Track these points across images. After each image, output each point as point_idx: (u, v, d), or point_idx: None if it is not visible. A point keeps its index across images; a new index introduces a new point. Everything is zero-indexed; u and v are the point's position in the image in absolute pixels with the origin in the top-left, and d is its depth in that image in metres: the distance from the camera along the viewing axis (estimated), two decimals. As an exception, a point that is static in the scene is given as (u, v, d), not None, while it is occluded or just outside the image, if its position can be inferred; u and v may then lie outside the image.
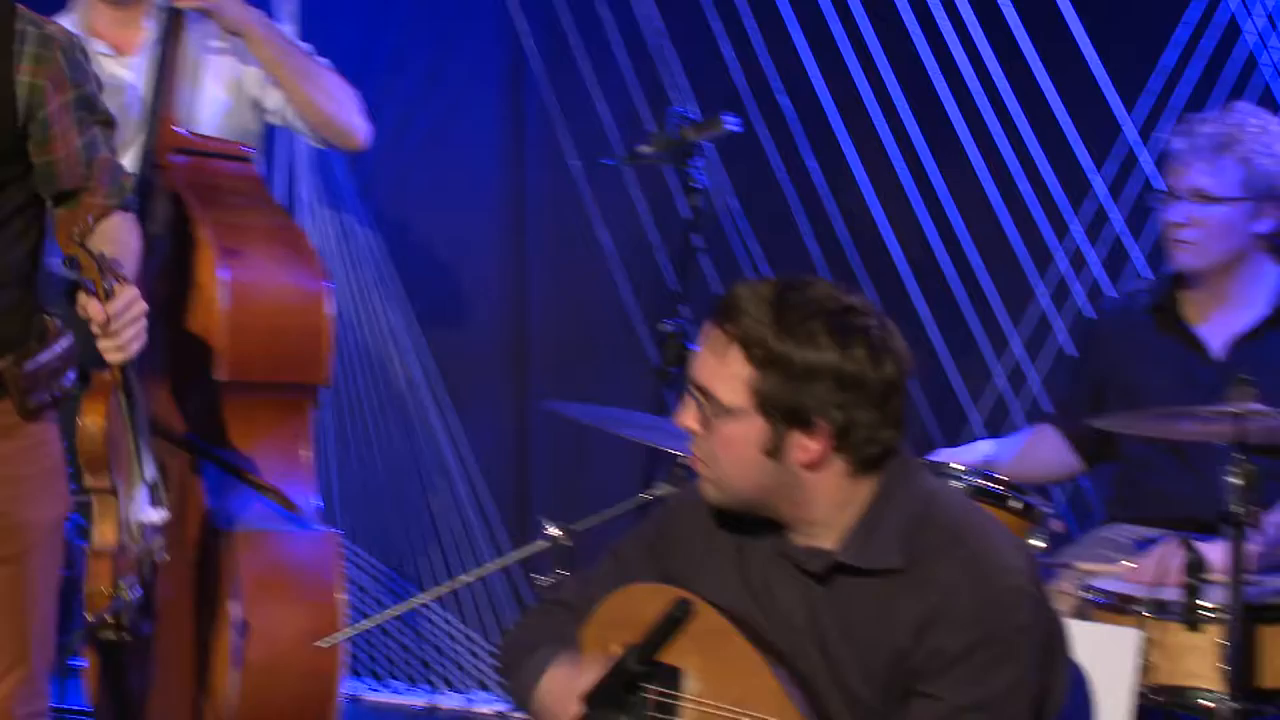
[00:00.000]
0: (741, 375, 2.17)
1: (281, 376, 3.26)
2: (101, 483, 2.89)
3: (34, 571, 2.76)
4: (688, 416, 2.23)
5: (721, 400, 2.19)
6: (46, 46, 2.69)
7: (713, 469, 2.23)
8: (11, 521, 2.74)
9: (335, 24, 4.47)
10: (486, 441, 4.65)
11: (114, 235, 2.77)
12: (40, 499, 2.77)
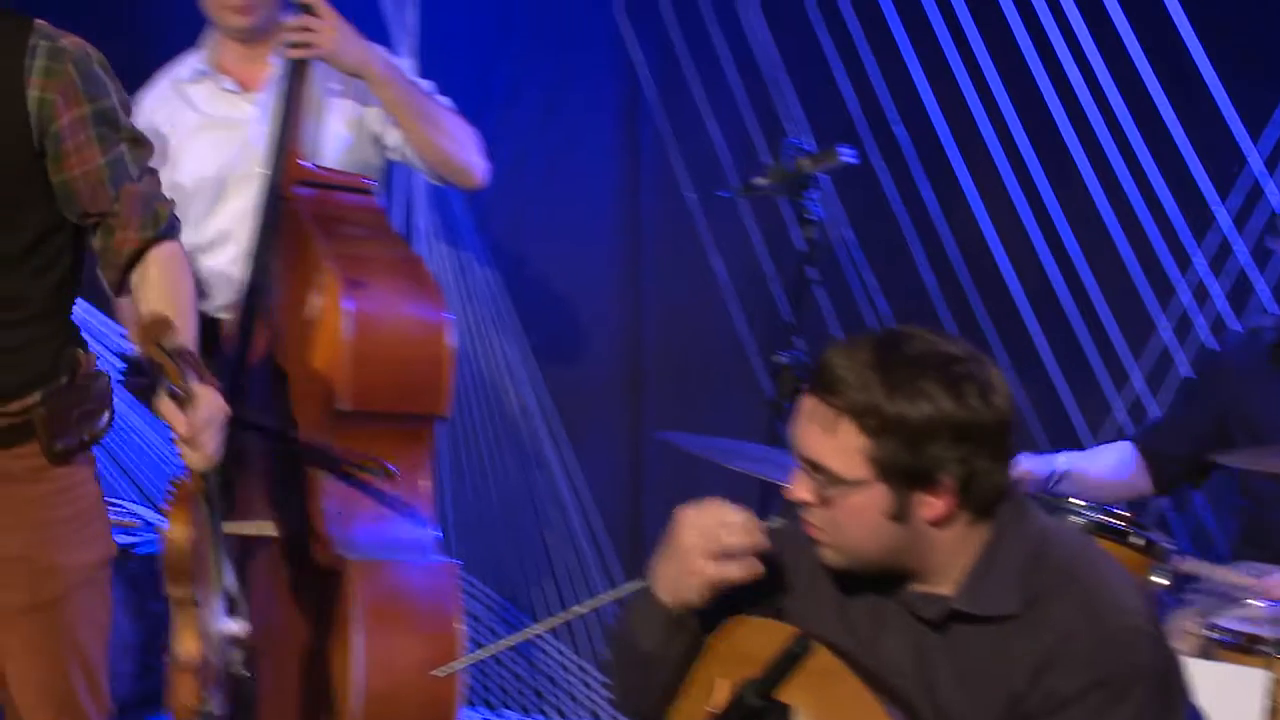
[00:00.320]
0: (856, 446, 2.15)
1: (402, 407, 3.28)
2: (183, 592, 2.81)
3: (74, 617, 2.69)
4: (801, 490, 2.21)
5: (839, 473, 2.17)
6: (57, 59, 2.61)
7: (834, 537, 2.21)
8: (43, 565, 2.67)
9: (453, 57, 4.52)
10: (600, 472, 4.68)
11: (163, 280, 2.67)
12: (74, 542, 2.69)
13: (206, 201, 3.66)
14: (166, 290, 2.66)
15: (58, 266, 2.67)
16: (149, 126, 3.69)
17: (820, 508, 2.20)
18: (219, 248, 3.66)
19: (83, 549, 2.71)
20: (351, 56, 3.50)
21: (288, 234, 3.44)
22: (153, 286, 2.66)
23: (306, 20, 3.47)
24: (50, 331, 2.67)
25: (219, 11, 3.61)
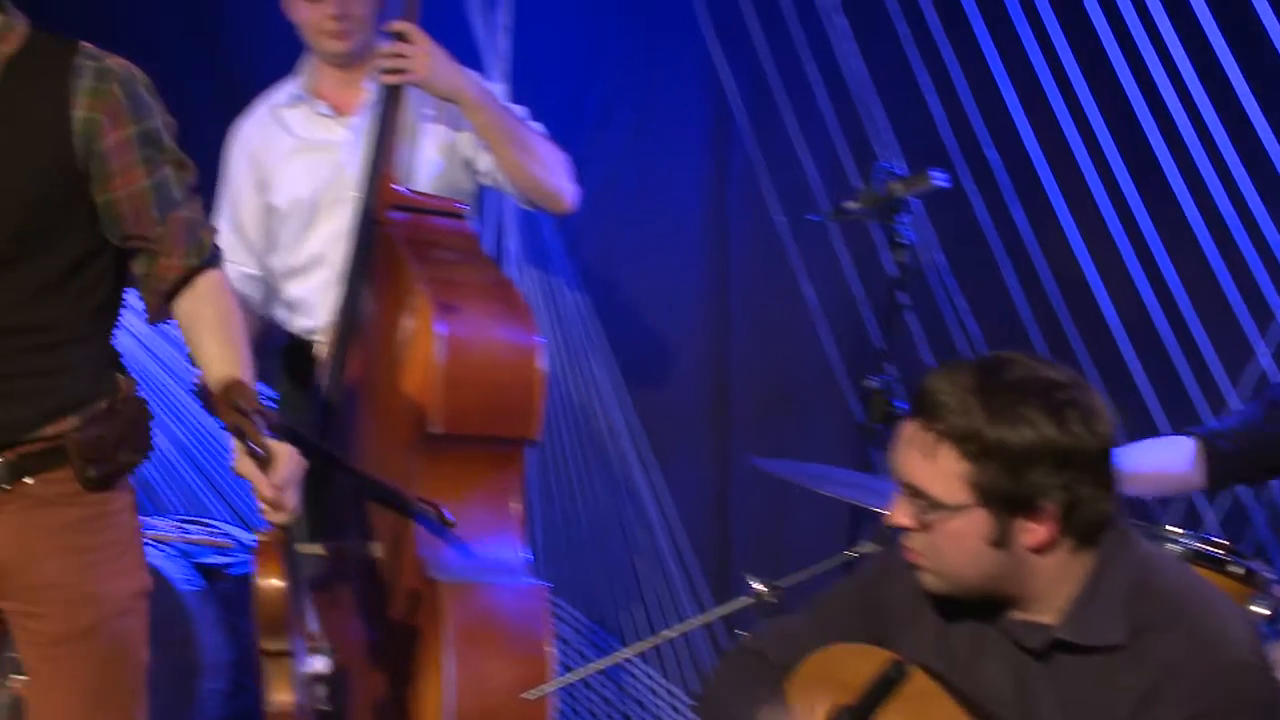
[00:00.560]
0: (957, 471, 2.15)
1: (493, 430, 3.29)
2: (279, 645, 2.82)
3: (107, 648, 2.66)
4: (901, 515, 2.21)
5: (939, 498, 2.17)
6: (103, 79, 2.61)
7: (934, 562, 2.22)
8: (77, 593, 2.65)
9: (544, 82, 4.54)
10: (688, 496, 4.68)
11: (214, 316, 2.67)
12: (108, 571, 2.67)
13: (300, 225, 3.70)
14: (217, 327, 2.67)
15: (98, 290, 2.67)
16: (245, 152, 3.76)
17: (920, 533, 2.20)
18: (312, 271, 3.70)
19: (117, 578, 2.68)
20: (445, 82, 3.53)
21: (381, 258, 3.47)
22: (205, 325, 2.67)
23: (401, 47, 3.51)
24: (89, 356, 2.67)
25: (316, 36, 3.65)
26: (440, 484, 3.28)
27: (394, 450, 3.34)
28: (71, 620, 2.64)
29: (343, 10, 3.60)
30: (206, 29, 4.84)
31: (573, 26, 4.71)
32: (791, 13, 4.49)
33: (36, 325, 2.61)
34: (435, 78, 3.51)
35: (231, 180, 3.76)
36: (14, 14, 2.65)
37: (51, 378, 2.62)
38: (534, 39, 4.61)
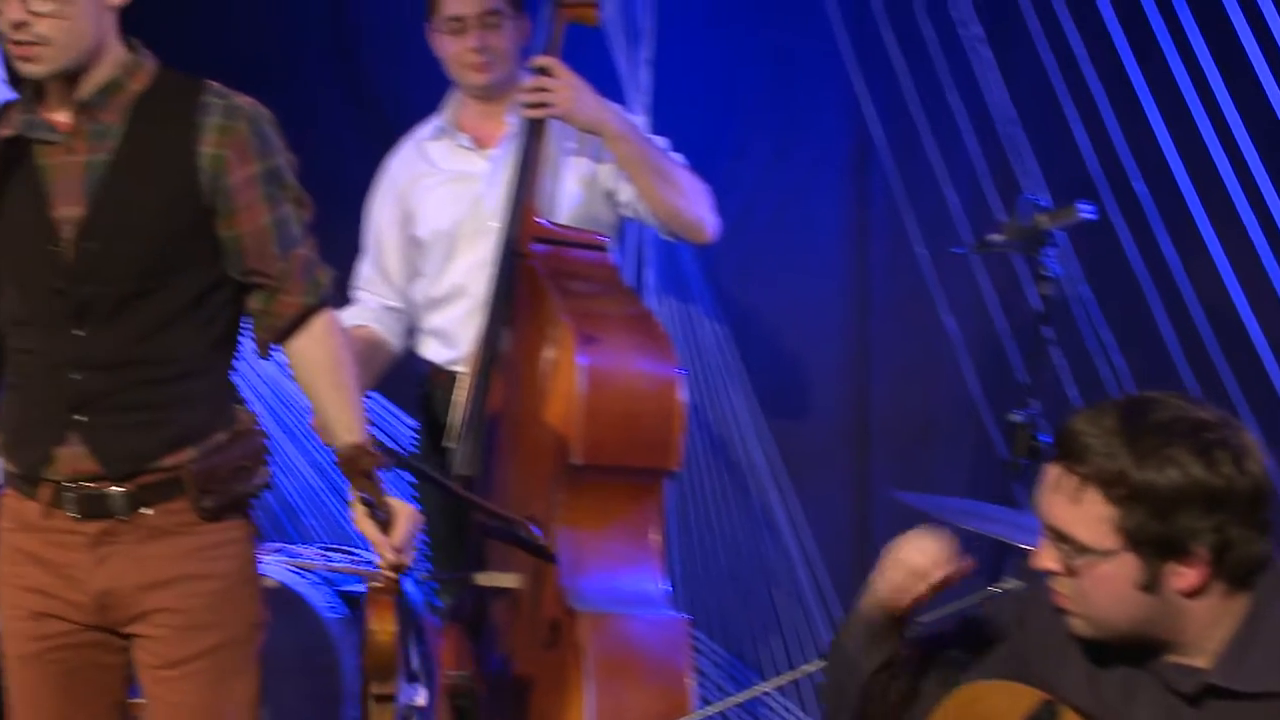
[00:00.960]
0: (1104, 515, 2.13)
1: (634, 461, 3.31)
2: (388, 689, 2.83)
3: (222, 676, 2.69)
4: (1048, 560, 2.19)
5: (1086, 543, 2.15)
6: (231, 117, 2.66)
7: (1083, 608, 2.19)
8: (192, 620, 2.68)
9: (684, 111, 4.56)
10: (827, 528, 4.66)
11: (328, 359, 2.70)
12: (222, 602, 2.70)
13: (441, 255, 3.75)
14: (330, 369, 2.70)
15: (218, 324, 2.70)
16: (391, 185, 3.80)
17: (1068, 577, 2.18)
18: (454, 301, 3.74)
19: (232, 607, 2.71)
20: (587, 114, 3.55)
21: (523, 289, 3.49)
22: (318, 366, 2.71)
23: (543, 80, 3.54)
24: (208, 388, 2.70)
25: (460, 70, 3.70)
26: (581, 514, 3.30)
27: (535, 481, 3.36)
28: (185, 645, 2.68)
29: (484, 43, 3.64)
30: (353, 65, 4.93)
31: (713, 57, 4.72)
32: (934, 43, 4.47)
33: (158, 358, 2.65)
34: (577, 110, 3.54)
35: (376, 213, 3.82)
36: (143, 52, 2.71)
37: (171, 410, 2.66)
38: (674, 71, 4.63)
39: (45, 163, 2.65)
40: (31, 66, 2.61)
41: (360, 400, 2.73)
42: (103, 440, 2.64)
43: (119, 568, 2.66)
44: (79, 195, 2.63)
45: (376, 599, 2.79)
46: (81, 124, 2.65)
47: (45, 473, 2.67)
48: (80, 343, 2.64)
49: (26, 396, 2.70)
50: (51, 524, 2.67)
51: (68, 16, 2.58)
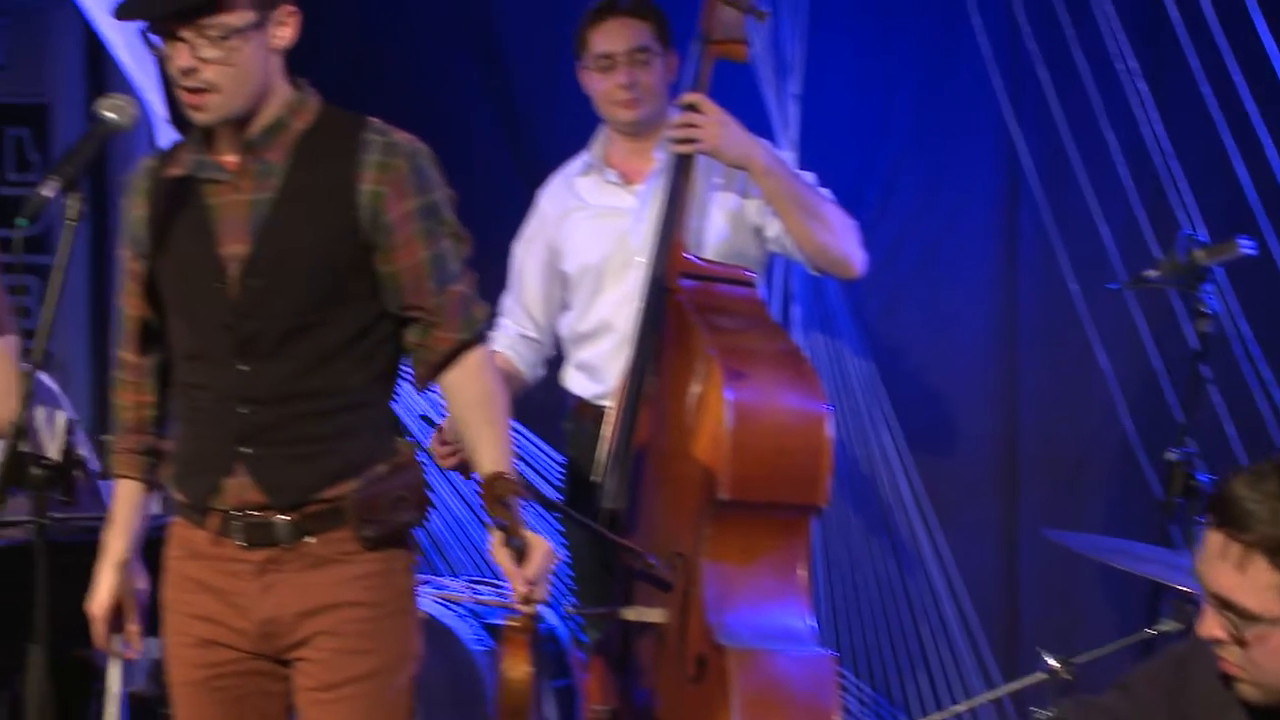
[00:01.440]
0: (1272, 583, 2.09)
1: (781, 497, 3.30)
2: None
3: (375, 703, 2.70)
4: (1213, 628, 2.15)
5: (1254, 611, 2.11)
6: (390, 154, 2.67)
7: (1252, 675, 2.14)
8: (349, 646, 2.69)
9: (833, 145, 4.56)
10: (976, 566, 4.60)
11: (480, 394, 2.71)
12: (383, 629, 2.71)
13: (588, 290, 3.77)
14: (482, 404, 2.72)
15: (379, 357, 2.72)
16: (540, 219, 3.84)
17: (1235, 646, 2.12)
18: (601, 336, 3.76)
19: (390, 637, 2.73)
20: (735, 150, 3.56)
21: (670, 324, 3.49)
22: (470, 401, 2.72)
23: (691, 116, 3.55)
24: (369, 421, 2.72)
25: (608, 107, 3.73)
26: (728, 550, 3.29)
27: (682, 515, 3.36)
28: (341, 670, 2.70)
29: (632, 80, 3.67)
30: (504, 101, 4.99)
31: (863, 92, 4.71)
32: (1088, 75, 4.42)
33: (320, 391, 2.68)
34: (724, 145, 3.55)
35: (523, 246, 3.86)
36: (308, 91, 2.74)
37: (333, 442, 2.69)
38: (823, 105, 4.63)
39: (213, 201, 2.70)
40: (200, 115, 2.66)
41: (508, 435, 2.75)
42: (268, 472, 2.68)
43: (282, 595, 2.71)
44: (244, 233, 2.67)
45: (511, 638, 2.79)
46: (247, 163, 2.69)
47: (213, 502, 2.71)
48: (245, 377, 2.68)
49: (196, 429, 2.74)
50: (219, 552, 2.72)
51: (234, 63, 2.62)
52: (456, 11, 5.07)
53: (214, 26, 2.60)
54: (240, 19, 2.61)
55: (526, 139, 4.91)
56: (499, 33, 5.04)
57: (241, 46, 2.62)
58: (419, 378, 2.77)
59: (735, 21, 3.57)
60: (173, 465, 2.78)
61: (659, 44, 3.70)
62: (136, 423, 2.82)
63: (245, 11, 2.62)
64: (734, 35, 3.57)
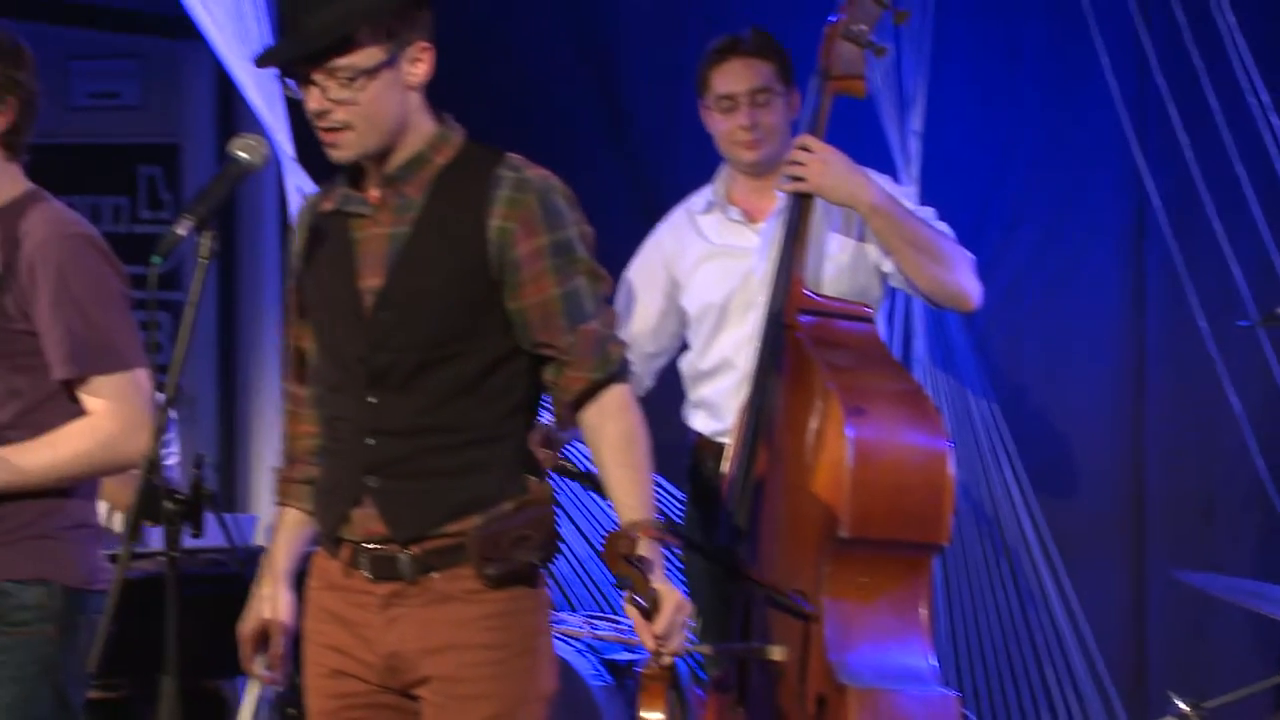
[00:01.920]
0: None
1: (902, 535, 3.27)
2: None
3: None
4: None
5: None
6: (520, 190, 2.66)
7: None
8: (473, 690, 2.65)
9: (954, 181, 4.54)
10: (1102, 607, 4.54)
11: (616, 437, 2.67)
12: (508, 670, 2.67)
13: (710, 328, 3.77)
14: (618, 446, 2.68)
15: (511, 394, 2.70)
16: (659, 254, 3.84)
17: None
18: (721, 373, 3.76)
19: (515, 678, 2.68)
20: (840, 188, 3.53)
21: (789, 360, 3.48)
22: (607, 442, 2.69)
23: (798, 154, 3.54)
24: (499, 457, 2.69)
25: (730, 147, 3.74)
26: (848, 588, 3.27)
27: (801, 552, 3.34)
28: (461, 714, 2.67)
29: (753, 121, 3.67)
30: (624, 136, 5.02)
31: (985, 127, 4.69)
32: (1219, 111, 4.36)
33: (448, 426, 2.67)
34: (829, 184, 3.53)
35: (635, 275, 3.86)
36: (452, 126, 2.74)
37: (459, 477, 2.68)
38: (946, 141, 4.61)
39: (357, 235, 2.72)
40: (336, 153, 2.68)
41: (646, 478, 2.69)
42: (391, 504, 2.68)
43: (405, 630, 2.70)
44: (380, 267, 2.69)
45: (648, 685, 2.78)
46: (388, 197, 2.70)
47: (344, 533, 2.72)
48: (374, 409, 2.69)
49: (334, 460, 2.76)
50: (350, 583, 2.72)
51: (365, 103, 2.63)
52: (577, 45, 5.12)
53: (343, 68, 2.62)
54: (369, 59, 2.62)
55: (648, 175, 4.93)
56: (620, 65, 5.08)
57: (372, 86, 2.63)
58: (557, 417, 2.75)
59: (855, 57, 3.56)
60: (315, 495, 2.81)
61: (780, 83, 3.70)
62: (299, 452, 2.84)
63: (374, 51, 2.63)
64: (853, 71, 3.56)
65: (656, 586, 2.57)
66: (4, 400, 2.96)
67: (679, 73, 3.97)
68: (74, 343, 2.93)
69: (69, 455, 2.95)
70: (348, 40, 2.61)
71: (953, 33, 4.63)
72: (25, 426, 2.96)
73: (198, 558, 3.91)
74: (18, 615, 2.95)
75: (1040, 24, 4.64)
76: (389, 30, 2.63)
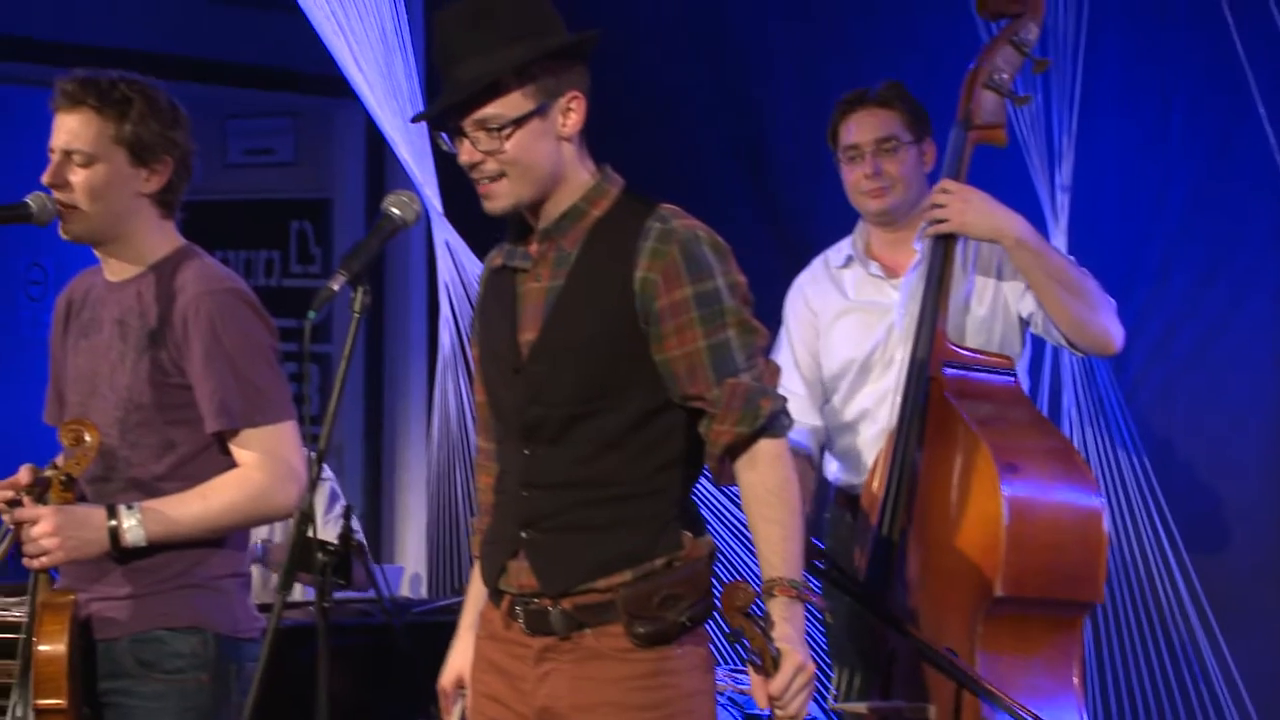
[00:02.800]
0: None
1: (1057, 593, 3.23)
2: None
3: None
4: None
5: None
6: (664, 241, 2.63)
7: None
8: None
9: (1102, 233, 4.46)
10: (1259, 668, 4.41)
11: (760, 486, 2.62)
12: None
13: (850, 382, 3.74)
14: (765, 502, 2.64)
15: (664, 447, 2.67)
16: (804, 307, 3.82)
17: None
18: (860, 426, 3.72)
19: None
20: (983, 224, 3.50)
21: (934, 413, 3.44)
22: (755, 498, 2.64)
23: (938, 197, 3.52)
24: (650, 512, 2.66)
25: (856, 197, 3.72)
26: (1000, 647, 3.22)
27: (950, 609, 3.30)
28: None
29: (876, 170, 3.65)
30: (767, 187, 5.00)
31: (1136, 177, 4.59)
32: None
33: (598, 480, 2.66)
34: (972, 221, 3.50)
35: (790, 333, 3.84)
36: (610, 177, 2.73)
37: (610, 532, 2.65)
38: (1094, 193, 4.53)
39: (520, 289, 2.72)
40: (490, 204, 2.69)
41: (793, 535, 2.63)
42: (542, 557, 2.68)
43: (557, 686, 2.68)
44: (537, 320, 2.69)
45: None
46: (546, 251, 2.71)
47: (502, 584, 2.72)
48: (528, 462, 2.69)
49: (498, 512, 2.76)
50: (509, 635, 2.72)
51: (513, 152, 2.64)
52: (720, 95, 5.11)
53: (492, 118, 2.62)
54: (517, 108, 2.63)
55: (789, 227, 4.91)
56: (763, 116, 5.06)
57: (520, 135, 2.63)
58: (711, 472, 2.71)
59: (996, 106, 3.54)
60: (481, 547, 2.80)
61: (909, 133, 3.68)
62: (487, 505, 2.83)
63: (522, 101, 2.63)
64: (995, 120, 3.54)
65: (779, 645, 2.52)
66: (159, 453, 3.00)
67: (821, 123, 3.95)
68: (225, 396, 2.96)
69: (220, 507, 2.98)
70: (495, 89, 2.61)
71: (1102, 82, 4.55)
72: (179, 478, 3.00)
73: (346, 608, 3.94)
74: (172, 663, 2.98)
75: (1193, 72, 4.55)
76: (538, 80, 2.63)
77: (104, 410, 3.01)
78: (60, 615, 2.91)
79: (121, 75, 3.02)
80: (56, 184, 2.99)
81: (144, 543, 2.94)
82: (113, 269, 3.06)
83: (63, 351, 3.11)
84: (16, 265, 6.23)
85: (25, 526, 2.94)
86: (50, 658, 2.89)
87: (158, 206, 3.04)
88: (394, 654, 3.83)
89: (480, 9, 2.63)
